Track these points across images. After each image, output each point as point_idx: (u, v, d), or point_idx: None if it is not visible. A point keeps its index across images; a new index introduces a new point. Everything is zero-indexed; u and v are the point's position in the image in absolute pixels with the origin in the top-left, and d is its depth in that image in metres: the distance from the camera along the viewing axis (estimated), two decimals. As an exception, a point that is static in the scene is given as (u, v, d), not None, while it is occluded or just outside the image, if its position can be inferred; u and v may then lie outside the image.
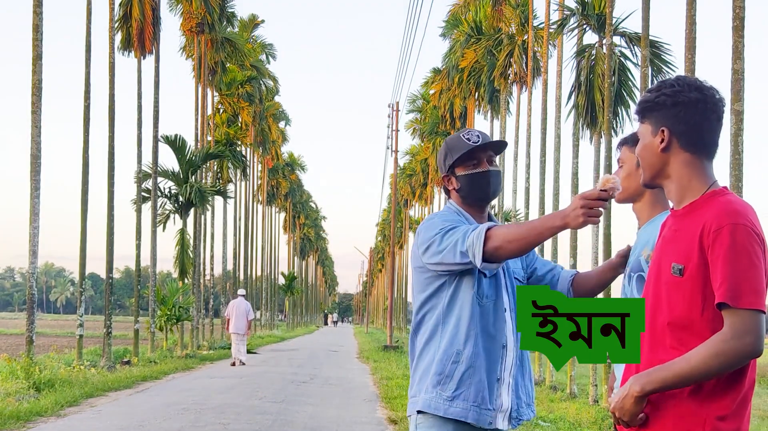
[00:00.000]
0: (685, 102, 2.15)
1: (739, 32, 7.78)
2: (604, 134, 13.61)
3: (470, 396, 2.69)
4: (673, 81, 2.21)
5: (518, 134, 21.61)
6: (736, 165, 7.56)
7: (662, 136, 2.18)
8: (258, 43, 43.49)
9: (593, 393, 12.91)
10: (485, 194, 2.88)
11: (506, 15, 22.45)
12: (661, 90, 2.19)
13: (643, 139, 2.25)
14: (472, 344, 2.71)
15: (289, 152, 63.89)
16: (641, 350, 2.18)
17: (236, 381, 14.52)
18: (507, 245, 2.54)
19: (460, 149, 2.85)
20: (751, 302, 1.97)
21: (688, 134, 2.16)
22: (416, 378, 2.82)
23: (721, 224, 2.02)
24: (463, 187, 2.87)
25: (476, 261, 2.59)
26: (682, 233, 2.14)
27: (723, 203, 2.08)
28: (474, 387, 2.70)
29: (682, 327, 2.10)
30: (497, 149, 2.93)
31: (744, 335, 1.97)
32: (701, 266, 2.06)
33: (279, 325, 59.54)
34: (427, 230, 2.78)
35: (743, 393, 2.08)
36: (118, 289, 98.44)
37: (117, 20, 21.45)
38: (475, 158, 2.85)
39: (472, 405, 2.70)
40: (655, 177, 2.25)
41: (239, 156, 36.76)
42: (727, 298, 1.97)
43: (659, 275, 2.19)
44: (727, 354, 1.96)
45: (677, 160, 2.18)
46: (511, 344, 2.78)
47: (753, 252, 2.00)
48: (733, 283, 1.98)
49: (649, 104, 2.21)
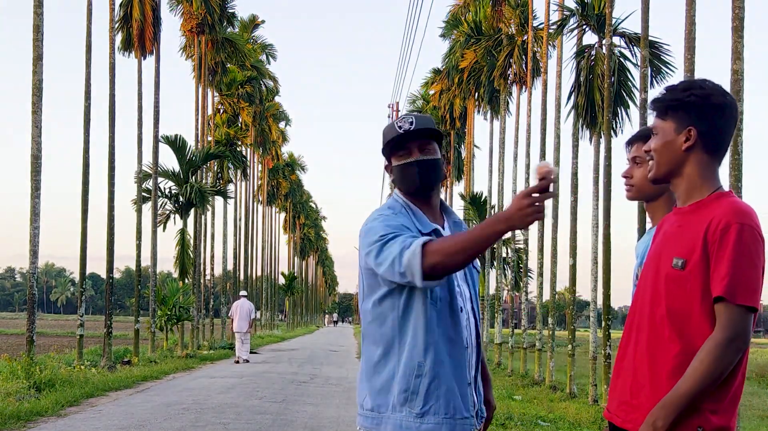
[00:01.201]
0: (715, 105, 2.20)
1: (738, 33, 7.79)
2: (604, 134, 13.62)
3: (440, 409, 2.50)
4: (701, 83, 2.25)
5: (518, 134, 21.63)
6: (735, 165, 7.58)
7: (688, 135, 2.22)
8: (258, 44, 43.51)
9: (593, 393, 12.92)
10: (416, 185, 2.63)
11: (506, 15, 22.46)
12: (690, 90, 2.22)
13: (663, 135, 2.26)
14: (433, 353, 2.50)
15: (289, 153, 63.94)
16: (640, 343, 2.23)
17: (236, 381, 14.54)
18: (447, 259, 2.34)
19: (387, 138, 2.66)
20: (747, 300, 2.06)
21: (711, 137, 2.21)
22: (375, 389, 2.57)
23: (729, 222, 2.09)
24: (397, 178, 2.67)
25: (416, 281, 2.39)
26: (686, 229, 2.20)
27: (731, 203, 2.15)
28: (443, 399, 2.50)
29: (681, 320, 2.15)
30: (424, 136, 2.64)
31: (735, 331, 2.05)
32: (703, 260, 2.12)
33: (279, 325, 59.57)
34: (367, 235, 2.56)
35: (734, 389, 2.14)
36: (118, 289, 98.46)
37: (117, 21, 21.47)
38: (405, 147, 2.63)
39: (444, 417, 2.51)
40: (669, 174, 2.28)
41: (239, 156, 36.79)
42: (726, 293, 2.05)
43: (659, 268, 2.23)
44: (725, 354, 2.04)
45: (695, 160, 2.23)
46: (473, 342, 2.63)
47: (755, 253, 2.09)
48: (734, 280, 2.05)
49: (678, 102, 2.23)
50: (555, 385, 15.33)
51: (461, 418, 2.53)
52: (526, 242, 20.49)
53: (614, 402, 2.33)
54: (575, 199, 15.34)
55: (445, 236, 2.58)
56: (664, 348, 2.17)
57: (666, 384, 2.13)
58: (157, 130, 23.20)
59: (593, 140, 15.13)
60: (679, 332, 2.15)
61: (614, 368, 2.38)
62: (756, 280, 2.08)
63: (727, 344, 2.04)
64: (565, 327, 20.68)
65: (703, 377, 2.04)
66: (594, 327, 13.95)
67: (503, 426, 9.38)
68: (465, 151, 30.82)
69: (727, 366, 2.05)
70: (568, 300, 16.70)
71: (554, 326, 16.44)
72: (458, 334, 2.55)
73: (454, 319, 2.55)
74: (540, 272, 18.73)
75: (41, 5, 13.53)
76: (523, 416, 10.17)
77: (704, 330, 2.11)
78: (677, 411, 2.06)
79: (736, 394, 2.15)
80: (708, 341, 2.07)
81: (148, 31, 22.47)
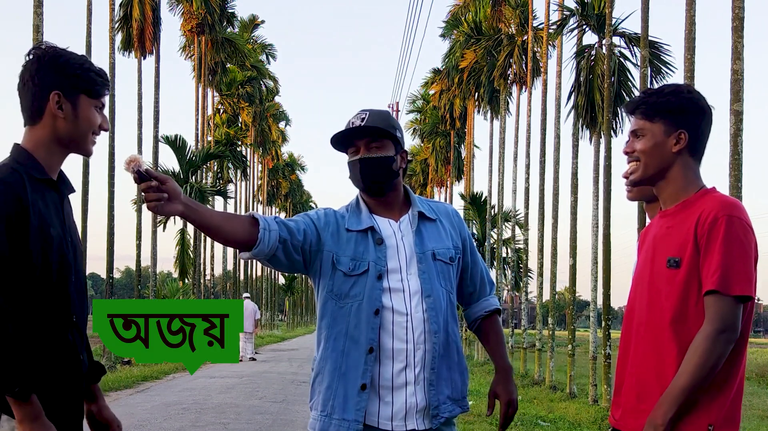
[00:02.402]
0: (702, 110, 2.28)
1: (738, 33, 7.79)
2: (604, 134, 13.62)
3: (319, 404, 2.54)
4: (687, 87, 2.33)
5: (518, 134, 21.65)
6: (735, 165, 7.57)
7: (678, 137, 2.27)
8: (258, 44, 43.52)
9: (593, 393, 12.92)
10: (360, 182, 2.60)
11: (506, 15, 22.47)
12: (681, 95, 2.28)
13: (653, 137, 2.29)
14: (322, 348, 2.56)
15: (289, 153, 63.96)
16: (641, 348, 2.23)
17: (236, 381, 14.54)
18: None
19: (335, 136, 2.62)
20: (742, 289, 2.09)
21: (697, 140, 2.29)
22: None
23: (717, 215, 2.12)
24: (349, 174, 2.65)
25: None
26: (675, 229, 2.22)
27: (717, 198, 2.20)
28: (322, 396, 2.54)
29: (678, 318, 2.17)
30: (367, 134, 2.58)
31: (725, 323, 2.07)
32: (695, 255, 2.15)
33: (279, 325, 59.58)
34: None
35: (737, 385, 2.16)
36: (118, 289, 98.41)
37: (117, 21, 21.49)
38: (354, 144, 2.60)
39: (321, 414, 2.53)
40: (657, 175, 2.31)
41: (239, 156, 36.80)
42: (719, 285, 2.08)
43: (653, 271, 2.25)
44: (715, 346, 2.06)
45: (682, 162, 2.28)
46: (415, 340, 2.50)
47: (747, 243, 2.12)
48: (726, 271, 2.08)
49: (671, 106, 2.27)
50: (555, 385, 15.33)
51: (338, 419, 2.48)
52: (526, 242, 20.48)
53: (619, 409, 2.33)
54: (575, 199, 15.34)
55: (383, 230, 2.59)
56: (666, 350, 2.18)
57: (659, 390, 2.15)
58: (157, 130, 23.21)
59: (593, 140, 15.13)
60: (677, 332, 2.16)
61: (616, 376, 2.39)
62: (748, 269, 2.11)
63: (716, 336, 2.06)
64: (565, 327, 20.70)
65: (695, 371, 2.05)
66: (594, 327, 13.95)
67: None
68: (465, 151, 30.83)
69: (719, 358, 2.06)
70: (568, 300, 16.70)
71: (554, 326, 16.44)
72: (362, 333, 2.49)
73: (362, 317, 2.50)
74: (540, 272, 18.75)
75: (41, 5, 13.53)
76: (523, 416, 10.17)
77: (700, 327, 2.13)
78: (674, 407, 2.07)
79: (738, 390, 2.17)
80: (698, 334, 2.09)
81: (148, 31, 22.49)
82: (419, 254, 2.58)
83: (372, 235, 2.58)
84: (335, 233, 2.58)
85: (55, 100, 2.16)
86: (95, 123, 2.23)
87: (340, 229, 2.59)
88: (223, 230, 2.41)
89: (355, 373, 2.49)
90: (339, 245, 2.56)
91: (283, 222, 2.54)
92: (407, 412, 2.50)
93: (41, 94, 2.16)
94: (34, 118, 2.19)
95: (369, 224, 2.59)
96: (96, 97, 2.23)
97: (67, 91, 2.17)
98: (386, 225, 2.62)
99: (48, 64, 2.17)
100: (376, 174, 2.58)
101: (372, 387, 2.49)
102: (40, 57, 2.18)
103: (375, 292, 2.51)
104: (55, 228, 2.15)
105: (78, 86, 2.18)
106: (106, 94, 2.28)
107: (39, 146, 2.19)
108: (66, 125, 2.18)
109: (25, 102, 2.20)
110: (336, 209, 2.68)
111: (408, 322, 2.51)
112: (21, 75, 2.20)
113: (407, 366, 2.50)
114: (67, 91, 2.17)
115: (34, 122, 2.19)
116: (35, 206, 2.10)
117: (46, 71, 2.16)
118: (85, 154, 2.28)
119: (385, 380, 2.50)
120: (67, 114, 2.17)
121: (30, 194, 2.10)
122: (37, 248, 2.08)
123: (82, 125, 2.20)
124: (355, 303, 2.51)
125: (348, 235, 2.57)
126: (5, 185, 2.07)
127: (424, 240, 2.61)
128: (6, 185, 2.07)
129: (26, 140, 2.21)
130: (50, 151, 2.20)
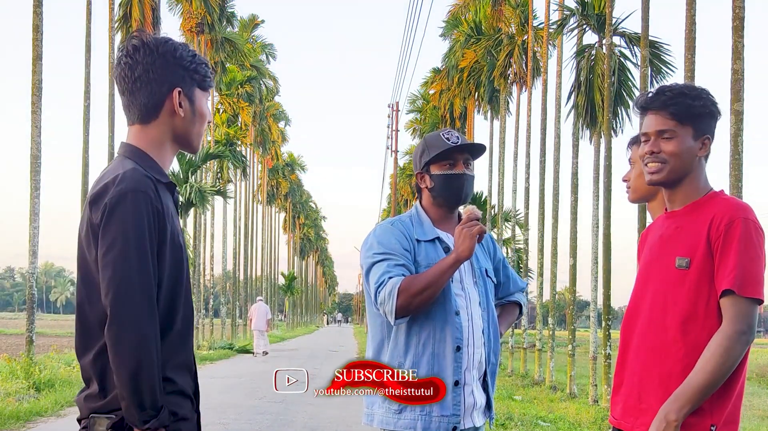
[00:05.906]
0: (718, 116, 2.33)
1: (738, 32, 7.78)
2: (604, 134, 13.61)
3: (416, 406, 2.64)
4: (706, 92, 2.33)
5: (518, 134, 21.63)
6: (735, 165, 7.57)
7: (704, 143, 2.30)
8: (258, 43, 43.49)
9: (593, 393, 12.92)
10: (456, 196, 2.81)
11: (506, 15, 22.46)
12: (707, 99, 2.30)
13: (684, 141, 2.29)
14: (413, 354, 2.66)
15: (289, 152, 63.90)
16: (644, 348, 2.23)
17: (236, 381, 14.53)
18: (414, 299, 2.57)
19: (438, 148, 2.79)
20: (755, 292, 2.10)
21: (711, 144, 2.33)
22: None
23: (732, 217, 2.14)
24: (436, 186, 2.81)
25: (390, 319, 2.61)
26: (685, 229, 2.23)
27: (729, 200, 2.22)
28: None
29: (688, 318, 2.17)
30: (475, 152, 2.85)
31: (747, 323, 2.09)
32: (707, 257, 2.16)
33: (279, 325, 59.57)
34: (363, 247, 2.78)
35: (740, 385, 2.17)
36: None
37: (117, 21, 21.47)
38: (451, 158, 2.79)
39: (420, 414, 2.65)
40: (680, 178, 2.31)
41: (239, 156, 36.76)
42: (735, 286, 2.09)
43: (661, 271, 2.25)
44: (735, 347, 2.07)
45: (699, 166, 2.32)
46: (476, 343, 2.72)
47: (759, 246, 2.14)
48: (742, 272, 2.09)
49: (701, 111, 2.29)
50: (555, 385, 15.32)
51: (439, 416, 2.64)
52: (526, 242, 20.47)
53: (619, 408, 2.32)
54: (575, 199, 15.33)
55: (422, 269, 2.70)
56: (671, 351, 2.18)
57: (676, 386, 2.13)
58: (156, 130, 23.20)
59: (593, 140, 15.13)
60: (685, 332, 2.17)
61: (615, 376, 2.38)
62: (761, 272, 2.13)
63: (737, 337, 2.07)
64: (565, 327, 20.69)
65: (715, 370, 2.06)
66: (594, 327, 13.94)
67: (503, 426, 9.38)
68: (465, 151, 30.81)
69: (736, 359, 2.08)
70: (568, 300, 16.69)
71: (554, 326, 16.44)
72: (449, 334, 2.67)
73: (446, 319, 2.67)
74: (540, 272, 18.74)
75: (41, 5, 13.51)
76: (523, 416, 10.16)
77: (711, 327, 2.13)
78: (690, 404, 2.07)
79: (740, 391, 2.18)
80: (717, 334, 2.09)
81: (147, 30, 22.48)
82: (477, 269, 2.84)
83: (440, 244, 2.79)
84: (415, 245, 2.77)
85: (178, 97, 1.97)
86: (209, 117, 2.07)
87: (411, 240, 2.78)
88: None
89: (446, 372, 2.65)
90: (419, 254, 2.76)
91: (401, 272, 2.65)
92: (475, 409, 2.72)
93: (160, 90, 1.96)
94: (149, 116, 1.98)
95: (435, 235, 2.81)
96: (207, 89, 2.07)
97: (186, 86, 1.99)
98: (447, 237, 2.83)
99: (164, 56, 1.95)
100: (469, 191, 2.83)
101: (456, 386, 2.68)
102: (152, 49, 1.95)
103: (450, 294, 2.71)
104: (181, 236, 1.98)
105: (194, 80, 2.01)
106: (213, 85, 2.13)
107: (153, 146, 1.98)
108: (184, 122, 2.00)
109: (138, 99, 1.96)
110: (393, 221, 2.84)
111: (471, 326, 2.72)
112: (129, 68, 1.95)
113: (473, 366, 2.71)
114: (187, 87, 2.00)
115: (148, 120, 1.98)
116: (168, 215, 1.91)
117: (164, 65, 1.95)
118: (193, 151, 2.10)
119: (465, 378, 2.71)
120: (186, 111, 2.00)
121: (162, 202, 1.89)
122: (177, 259, 1.92)
123: (199, 121, 2.05)
124: (437, 306, 2.67)
125: (419, 244, 2.78)
126: (145, 196, 1.84)
127: (477, 257, 2.87)
128: (146, 196, 1.84)
129: (138, 140, 1.99)
130: (164, 150, 2.01)
